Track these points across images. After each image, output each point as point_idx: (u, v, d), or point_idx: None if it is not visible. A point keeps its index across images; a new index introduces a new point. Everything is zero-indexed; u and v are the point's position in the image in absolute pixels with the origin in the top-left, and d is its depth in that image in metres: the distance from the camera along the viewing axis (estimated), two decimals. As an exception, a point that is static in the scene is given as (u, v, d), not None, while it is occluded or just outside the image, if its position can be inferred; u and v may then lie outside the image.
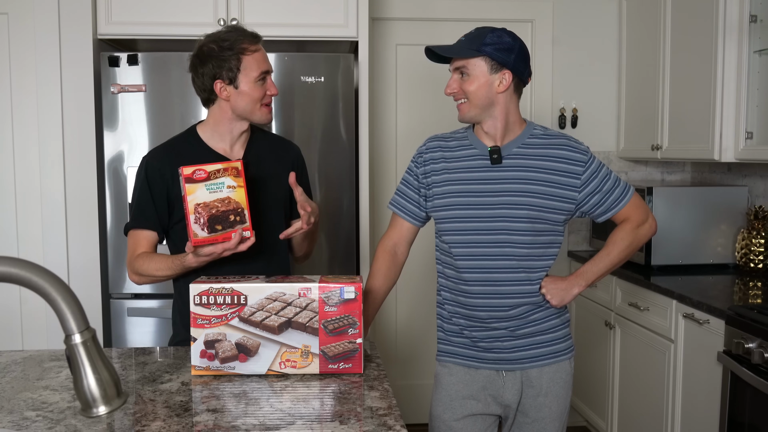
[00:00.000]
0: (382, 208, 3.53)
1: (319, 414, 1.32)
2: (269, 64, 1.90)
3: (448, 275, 1.87)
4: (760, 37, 2.61)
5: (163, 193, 1.86)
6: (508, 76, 1.74)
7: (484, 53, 1.72)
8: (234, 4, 2.78)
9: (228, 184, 1.69)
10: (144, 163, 1.89)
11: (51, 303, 1.00)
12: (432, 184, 1.85)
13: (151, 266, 1.83)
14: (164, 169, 1.86)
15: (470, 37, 1.76)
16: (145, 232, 1.88)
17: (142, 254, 1.86)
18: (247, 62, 1.84)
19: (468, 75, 1.75)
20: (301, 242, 2.05)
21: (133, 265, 1.86)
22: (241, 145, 1.94)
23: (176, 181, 1.84)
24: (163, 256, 1.85)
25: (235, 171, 1.69)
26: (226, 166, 1.69)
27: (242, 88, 1.84)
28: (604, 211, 1.83)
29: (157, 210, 1.87)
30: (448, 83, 1.80)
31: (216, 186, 1.68)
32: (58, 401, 1.40)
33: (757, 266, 2.82)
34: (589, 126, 3.62)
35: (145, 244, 1.87)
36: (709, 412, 2.31)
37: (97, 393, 1.04)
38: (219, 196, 1.69)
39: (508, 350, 1.83)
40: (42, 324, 2.80)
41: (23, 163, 2.80)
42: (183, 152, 1.89)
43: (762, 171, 3.00)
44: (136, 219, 1.88)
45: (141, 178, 1.88)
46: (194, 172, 1.66)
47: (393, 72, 3.54)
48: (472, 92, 1.75)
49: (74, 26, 2.74)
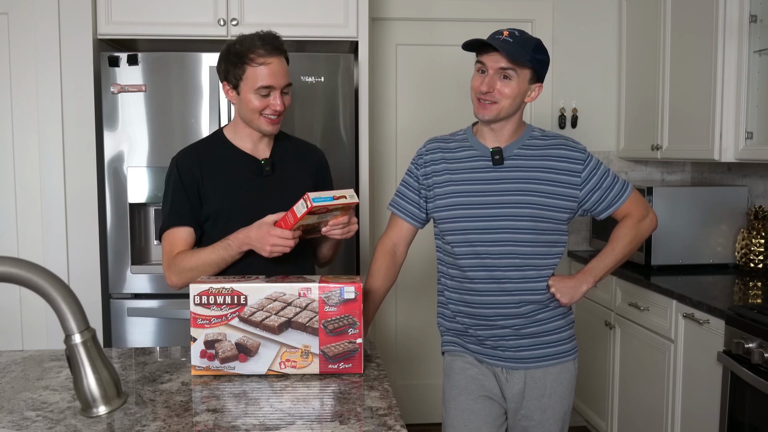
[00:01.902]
0: (382, 208, 3.53)
1: (319, 414, 1.32)
2: (280, 79, 1.83)
3: (452, 275, 1.87)
4: (760, 37, 2.61)
5: (194, 191, 1.87)
6: (540, 89, 1.79)
7: (534, 64, 1.73)
8: (234, 4, 2.78)
9: (334, 214, 1.71)
10: (174, 163, 1.91)
11: (51, 303, 1.00)
12: (433, 185, 1.85)
13: (194, 260, 1.80)
14: (194, 167, 1.88)
15: (519, 41, 1.71)
16: (182, 231, 1.86)
17: (181, 252, 1.84)
18: (251, 73, 1.82)
19: (511, 79, 1.73)
20: (330, 246, 2.02)
21: (172, 265, 1.84)
22: (266, 144, 1.95)
23: (205, 178, 1.87)
24: (210, 246, 1.83)
25: (348, 207, 1.70)
26: (345, 206, 1.67)
27: (242, 96, 1.85)
28: (605, 208, 1.84)
29: (192, 207, 1.87)
30: (486, 80, 1.74)
31: (325, 216, 1.70)
32: (58, 401, 1.40)
33: (757, 266, 2.82)
34: (589, 126, 3.62)
35: (182, 243, 1.86)
36: (709, 412, 2.31)
37: (97, 393, 1.04)
38: (321, 220, 1.72)
39: (513, 349, 1.83)
40: (42, 324, 2.80)
41: (23, 163, 2.79)
42: (210, 151, 1.92)
43: (762, 171, 3.00)
44: (171, 218, 1.87)
45: (174, 178, 1.88)
46: (318, 207, 1.62)
47: (393, 72, 3.53)
48: (510, 96, 1.73)
49: (74, 26, 2.74)
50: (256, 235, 1.73)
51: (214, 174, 1.89)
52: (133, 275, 2.74)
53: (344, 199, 1.64)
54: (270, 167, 1.91)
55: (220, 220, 1.87)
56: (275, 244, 1.70)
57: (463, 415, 1.83)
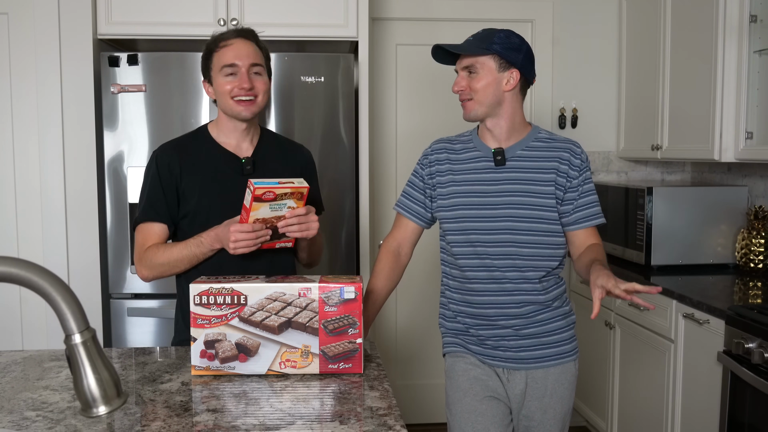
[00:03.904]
0: (383, 208, 3.53)
1: (319, 414, 1.32)
2: (243, 58, 1.83)
3: (453, 275, 1.88)
4: (760, 37, 2.61)
5: (172, 187, 1.86)
6: (516, 74, 1.76)
7: (494, 51, 1.74)
8: (234, 4, 2.78)
9: (289, 205, 1.71)
10: (154, 157, 1.89)
11: (51, 303, 1.00)
12: (437, 185, 1.86)
13: (165, 255, 1.81)
14: (173, 162, 1.86)
15: (479, 37, 1.78)
16: (156, 226, 1.86)
17: (153, 246, 1.84)
18: (215, 58, 1.86)
19: (476, 73, 1.76)
20: (303, 248, 2.00)
21: (144, 258, 1.84)
22: (249, 142, 1.93)
23: (184, 174, 1.86)
24: (183, 242, 1.83)
25: (299, 195, 1.70)
26: (294, 190, 1.68)
27: (214, 84, 1.87)
28: (572, 222, 1.81)
29: (168, 203, 1.86)
30: (456, 81, 1.80)
31: (279, 206, 1.70)
32: (58, 401, 1.40)
33: (757, 266, 2.82)
34: (589, 126, 3.62)
35: (155, 237, 1.85)
36: (709, 412, 2.31)
37: (97, 393, 1.04)
38: (278, 214, 1.71)
39: (514, 349, 1.83)
40: (42, 324, 2.80)
41: (23, 163, 2.80)
42: (191, 147, 1.91)
43: (762, 171, 3.00)
44: (146, 212, 1.86)
45: (152, 172, 1.88)
46: (264, 193, 1.64)
47: (393, 72, 3.54)
48: (480, 89, 1.75)
49: (74, 26, 2.74)
50: (222, 232, 1.74)
51: (193, 171, 1.87)
52: (133, 275, 2.74)
53: (291, 184, 1.67)
54: (251, 166, 1.89)
55: (198, 219, 1.86)
56: (236, 240, 1.69)
57: (469, 417, 1.82)
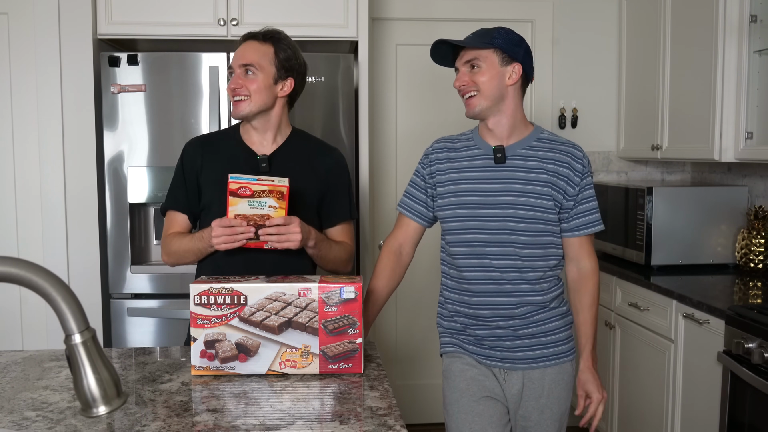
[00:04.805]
0: (382, 208, 3.53)
1: (319, 414, 1.32)
2: (239, 59, 1.86)
3: (452, 275, 1.87)
4: (760, 37, 2.61)
5: (193, 179, 1.93)
6: (518, 69, 1.77)
7: (496, 45, 1.75)
8: (234, 4, 2.78)
9: (270, 204, 1.71)
10: (184, 149, 1.98)
11: (51, 303, 1.00)
12: (437, 184, 1.85)
13: (177, 244, 1.89)
14: (196, 156, 1.94)
15: (479, 33, 1.78)
16: (178, 214, 1.96)
17: (172, 233, 1.93)
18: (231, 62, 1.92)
19: (479, 67, 1.76)
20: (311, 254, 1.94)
21: (163, 243, 1.94)
22: (272, 141, 1.94)
23: (205, 168, 1.92)
24: (192, 234, 1.90)
25: (279, 194, 1.70)
26: (272, 188, 1.70)
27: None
28: (571, 228, 1.81)
29: (188, 194, 1.93)
30: (458, 76, 1.80)
31: (258, 204, 1.71)
32: (58, 401, 1.40)
33: (757, 266, 2.82)
34: (589, 126, 3.62)
35: (176, 225, 1.95)
36: (709, 412, 2.31)
37: (97, 393, 1.04)
38: (259, 212, 1.72)
39: (511, 350, 1.83)
40: (42, 324, 2.80)
41: (23, 163, 2.80)
42: (217, 142, 1.97)
43: (762, 171, 3.00)
44: (167, 200, 1.97)
45: (178, 164, 1.97)
46: (240, 188, 1.67)
47: (393, 72, 3.54)
48: (484, 83, 1.75)
49: (74, 26, 2.74)
50: (213, 230, 1.76)
51: (213, 165, 1.92)
52: (133, 275, 2.74)
53: (270, 182, 1.69)
54: (266, 164, 1.90)
55: (213, 211, 1.88)
56: (218, 235, 1.72)
57: (467, 417, 1.82)
